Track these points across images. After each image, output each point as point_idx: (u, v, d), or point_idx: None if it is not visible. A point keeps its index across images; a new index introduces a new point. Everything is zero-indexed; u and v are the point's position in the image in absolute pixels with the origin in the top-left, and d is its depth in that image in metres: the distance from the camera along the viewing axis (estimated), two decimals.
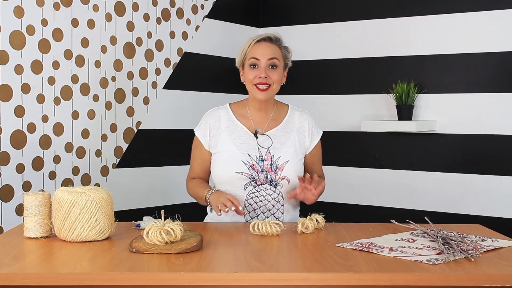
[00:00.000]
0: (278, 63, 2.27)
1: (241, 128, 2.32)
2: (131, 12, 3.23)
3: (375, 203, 3.69)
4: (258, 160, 2.26)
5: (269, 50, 2.26)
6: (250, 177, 2.25)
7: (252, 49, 2.27)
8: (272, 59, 2.26)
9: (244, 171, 2.25)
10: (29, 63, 2.76)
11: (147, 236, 1.78)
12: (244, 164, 2.25)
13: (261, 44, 2.28)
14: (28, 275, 1.55)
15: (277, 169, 2.26)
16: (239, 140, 2.29)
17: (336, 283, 1.54)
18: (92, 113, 3.04)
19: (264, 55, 2.26)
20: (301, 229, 2.02)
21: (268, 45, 2.28)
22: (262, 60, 2.25)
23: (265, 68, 2.25)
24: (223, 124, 2.32)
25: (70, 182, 2.93)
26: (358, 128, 3.66)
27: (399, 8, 3.58)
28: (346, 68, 3.77)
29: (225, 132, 2.31)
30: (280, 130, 2.34)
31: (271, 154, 2.28)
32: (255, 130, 2.31)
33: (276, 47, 2.29)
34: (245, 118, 2.34)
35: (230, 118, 2.34)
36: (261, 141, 2.30)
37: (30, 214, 1.93)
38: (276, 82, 2.27)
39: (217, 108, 2.39)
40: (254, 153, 2.27)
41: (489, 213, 3.33)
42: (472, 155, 3.39)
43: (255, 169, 2.25)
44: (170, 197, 3.39)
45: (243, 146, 2.28)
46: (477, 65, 3.35)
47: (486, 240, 1.94)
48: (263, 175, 2.26)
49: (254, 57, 2.26)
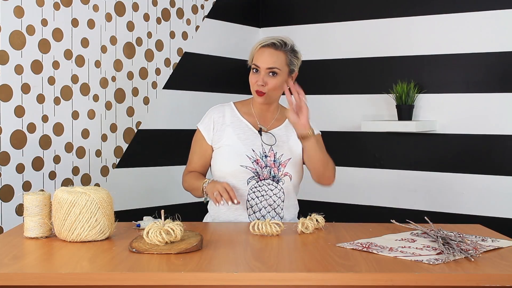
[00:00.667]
0: (278, 71, 2.28)
1: (245, 124, 2.36)
2: (131, 12, 3.23)
3: (375, 203, 3.69)
4: (261, 156, 2.30)
5: (270, 58, 2.27)
6: (254, 171, 2.27)
7: (257, 54, 2.30)
8: (270, 69, 2.27)
9: (248, 165, 2.27)
10: (29, 63, 2.76)
11: (147, 236, 1.78)
12: (248, 158, 2.28)
13: (264, 50, 2.29)
14: (28, 275, 1.55)
15: (280, 165, 2.30)
16: (244, 135, 2.33)
17: (336, 283, 1.54)
18: (92, 113, 3.04)
19: (264, 63, 2.27)
20: (301, 229, 2.02)
21: (270, 53, 2.28)
22: (262, 67, 2.28)
23: (264, 75, 2.28)
24: (228, 120, 2.36)
25: (70, 182, 2.93)
26: (358, 128, 3.66)
27: (399, 8, 3.58)
28: (346, 68, 3.77)
29: (230, 127, 2.34)
30: (283, 129, 2.38)
31: (274, 151, 2.31)
32: (259, 127, 2.34)
33: (280, 54, 2.29)
34: (250, 115, 2.38)
35: (235, 114, 2.38)
36: (265, 139, 2.34)
37: (30, 214, 1.93)
38: (272, 89, 2.29)
39: (222, 105, 2.42)
40: (258, 149, 2.31)
41: (489, 213, 3.33)
42: (472, 155, 3.39)
43: (259, 164, 2.28)
44: (170, 197, 3.39)
45: (247, 141, 2.32)
46: (477, 65, 3.35)
47: (486, 240, 1.94)
48: (266, 170, 2.28)
49: (256, 63, 2.29)
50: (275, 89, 2.30)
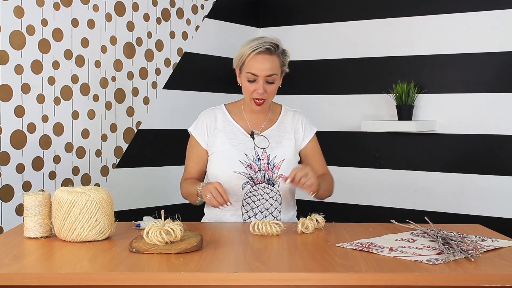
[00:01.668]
0: (276, 77, 2.25)
1: (237, 129, 2.33)
2: (131, 12, 3.23)
3: (375, 203, 3.69)
4: (255, 160, 2.27)
5: (267, 65, 2.21)
6: (248, 176, 2.25)
7: (251, 62, 2.22)
8: (270, 76, 2.22)
9: (242, 170, 2.25)
10: (29, 63, 2.76)
11: (147, 236, 1.78)
12: (241, 163, 2.26)
13: (259, 57, 2.21)
14: (28, 275, 1.55)
15: (274, 167, 2.27)
16: (236, 140, 2.30)
17: (336, 283, 1.54)
18: (92, 113, 3.04)
19: (263, 71, 2.21)
20: (301, 229, 2.02)
21: (267, 59, 2.21)
22: (260, 76, 2.22)
23: (262, 84, 2.23)
24: (220, 124, 2.33)
25: (70, 182, 2.93)
26: (358, 128, 3.66)
27: (399, 8, 3.58)
28: (346, 68, 3.77)
29: (222, 132, 2.31)
30: (275, 130, 2.35)
31: (268, 153, 2.29)
32: (251, 131, 2.32)
33: (275, 58, 2.23)
34: (241, 119, 2.35)
35: (227, 118, 2.35)
36: (258, 142, 2.31)
37: (30, 214, 1.93)
38: (271, 96, 2.28)
39: (213, 108, 2.39)
40: (251, 153, 2.28)
41: (489, 213, 3.33)
42: (472, 155, 3.39)
43: (253, 168, 2.26)
44: (170, 197, 3.39)
45: (240, 146, 2.29)
46: (477, 65, 3.35)
47: (486, 240, 1.94)
48: (260, 174, 2.26)
49: (252, 72, 2.22)
50: (274, 94, 2.29)
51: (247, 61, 2.23)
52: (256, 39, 2.27)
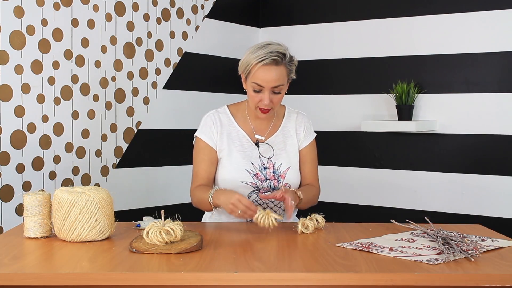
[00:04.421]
0: (282, 87, 2.20)
1: (243, 135, 2.30)
2: (131, 12, 3.23)
3: (375, 203, 3.69)
4: (261, 169, 2.26)
5: (274, 77, 2.15)
6: (254, 186, 2.24)
7: (257, 72, 2.15)
8: (276, 87, 2.17)
9: (248, 180, 2.24)
10: (29, 63, 2.76)
11: (147, 236, 1.78)
12: (248, 173, 2.24)
13: (266, 68, 2.14)
14: (28, 275, 1.55)
15: (279, 176, 2.27)
16: (242, 148, 2.28)
17: (336, 283, 1.54)
18: (92, 113, 3.04)
19: (269, 82, 2.16)
20: (301, 229, 2.02)
21: (273, 70, 2.15)
22: (266, 87, 2.17)
23: (268, 94, 2.18)
24: (225, 129, 2.30)
25: (70, 182, 2.93)
26: (358, 128, 3.66)
27: (399, 8, 3.58)
28: (346, 68, 3.77)
29: (228, 138, 2.28)
30: (279, 135, 2.33)
31: (273, 162, 2.28)
32: (256, 139, 2.30)
33: (281, 68, 2.17)
34: (246, 124, 2.32)
35: (232, 124, 2.31)
36: (263, 151, 2.29)
37: (30, 214, 1.93)
38: (278, 103, 2.23)
39: (216, 111, 2.34)
40: (257, 161, 2.27)
41: (489, 213, 3.33)
42: (472, 155, 3.39)
43: (259, 178, 2.25)
44: (170, 197, 3.39)
45: (246, 154, 2.27)
46: (477, 65, 3.35)
47: (486, 240, 1.93)
48: (266, 183, 2.26)
49: (258, 83, 2.16)
50: (280, 102, 2.25)
51: (253, 71, 2.17)
52: (263, 47, 2.18)
